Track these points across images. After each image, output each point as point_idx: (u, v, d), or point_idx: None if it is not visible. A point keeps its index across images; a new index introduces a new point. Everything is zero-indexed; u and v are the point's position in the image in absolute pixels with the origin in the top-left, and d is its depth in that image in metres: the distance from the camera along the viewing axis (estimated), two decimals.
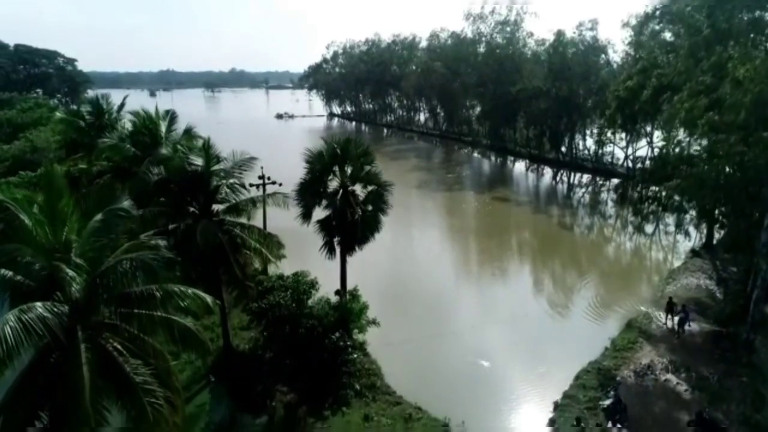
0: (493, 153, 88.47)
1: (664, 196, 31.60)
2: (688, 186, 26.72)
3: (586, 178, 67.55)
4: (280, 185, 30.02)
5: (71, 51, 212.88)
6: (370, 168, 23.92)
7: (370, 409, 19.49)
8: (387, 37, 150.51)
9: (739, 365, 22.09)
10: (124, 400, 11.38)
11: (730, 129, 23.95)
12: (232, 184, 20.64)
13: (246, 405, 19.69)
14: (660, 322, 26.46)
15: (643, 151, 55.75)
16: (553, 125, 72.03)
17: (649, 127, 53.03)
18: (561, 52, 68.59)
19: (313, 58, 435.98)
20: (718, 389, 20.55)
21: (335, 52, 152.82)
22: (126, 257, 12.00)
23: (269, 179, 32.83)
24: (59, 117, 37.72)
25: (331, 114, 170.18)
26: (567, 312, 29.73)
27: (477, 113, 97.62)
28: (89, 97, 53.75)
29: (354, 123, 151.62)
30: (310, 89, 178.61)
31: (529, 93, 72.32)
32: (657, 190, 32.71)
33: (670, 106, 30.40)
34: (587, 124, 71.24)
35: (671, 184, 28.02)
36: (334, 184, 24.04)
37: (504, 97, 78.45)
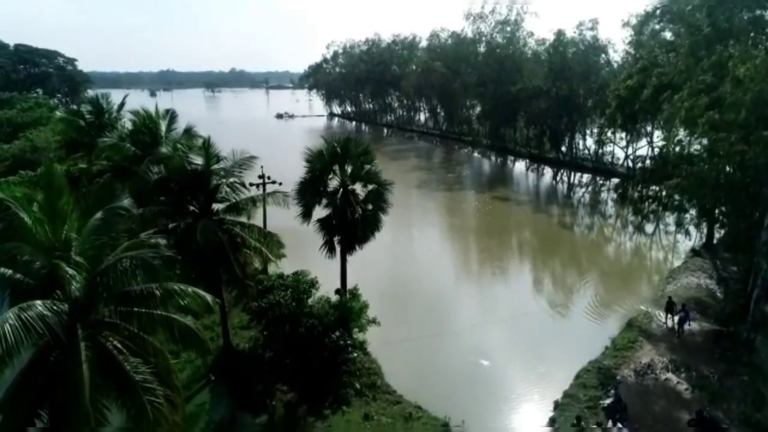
0: (494, 153, 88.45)
1: (664, 195, 31.57)
2: (688, 185, 26.73)
3: (587, 177, 67.53)
4: (280, 184, 29.97)
5: (71, 51, 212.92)
6: (370, 167, 23.89)
7: (370, 408, 19.48)
8: (387, 36, 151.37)
9: (740, 364, 22.08)
10: (124, 399, 11.38)
11: (731, 128, 23.95)
12: (232, 183, 20.64)
13: (246, 404, 19.66)
14: (660, 322, 26.44)
15: (643, 151, 55.71)
16: (554, 125, 72.00)
17: (649, 127, 53.00)
18: (561, 52, 68.60)
19: (313, 58, 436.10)
20: (718, 388, 20.52)
21: (335, 52, 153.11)
22: (126, 255, 12.00)
23: (269, 178, 32.80)
24: (59, 116, 37.76)
25: (331, 114, 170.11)
26: (567, 311, 29.70)
27: (477, 113, 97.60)
28: (89, 96, 53.62)
29: (354, 123, 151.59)
30: (310, 89, 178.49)
31: (529, 93, 72.29)
32: (657, 189, 32.66)
33: (671, 105, 30.40)
34: (587, 124, 71.24)
35: (671, 183, 28.02)
36: (334, 183, 24.02)
37: (504, 97, 78.44)
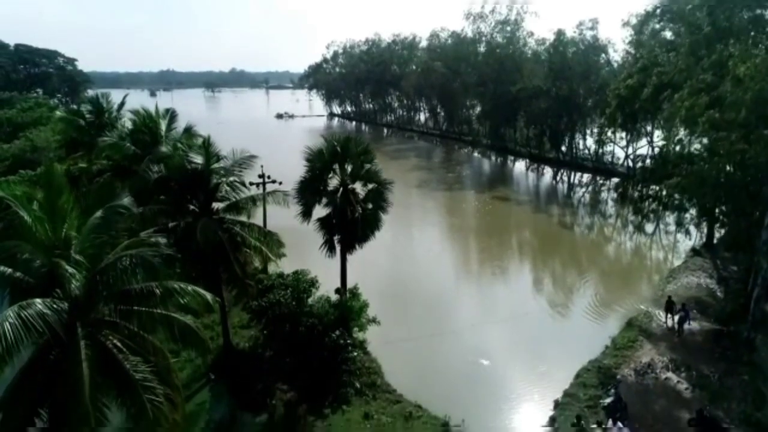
0: (494, 152, 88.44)
1: (664, 194, 31.56)
2: (688, 184, 26.72)
3: (587, 177, 67.50)
4: (280, 184, 29.93)
5: (71, 51, 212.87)
6: (371, 166, 23.86)
7: (370, 407, 19.48)
8: (387, 36, 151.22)
9: (740, 364, 22.07)
10: (123, 397, 11.36)
11: (731, 127, 23.96)
12: (232, 182, 20.62)
13: (246, 403, 19.66)
14: (660, 321, 26.44)
15: (643, 150, 55.71)
16: (554, 125, 71.96)
17: (649, 126, 53.02)
18: (561, 52, 68.57)
19: (313, 58, 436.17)
20: (718, 388, 20.52)
21: (335, 52, 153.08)
22: (126, 254, 11.98)
23: (269, 178, 32.76)
24: (59, 116, 37.71)
25: (331, 114, 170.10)
26: (567, 311, 29.69)
27: (477, 113, 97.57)
28: (89, 96, 53.60)
29: (354, 123, 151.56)
30: (310, 89, 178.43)
31: (529, 92, 72.26)
32: (657, 188, 32.67)
33: (671, 104, 30.41)
34: (587, 124, 71.20)
35: (672, 182, 28.01)
36: (334, 182, 24.00)
37: (504, 97, 78.41)
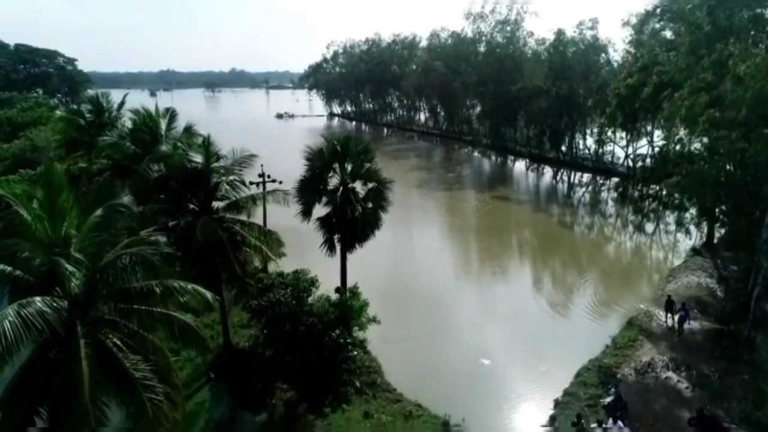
0: (494, 152, 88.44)
1: (664, 194, 31.53)
2: (688, 183, 26.69)
3: (587, 177, 67.51)
4: (280, 183, 29.93)
5: (71, 51, 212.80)
6: (371, 165, 23.84)
7: (370, 406, 19.48)
8: (387, 36, 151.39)
9: (740, 363, 22.05)
10: (123, 396, 11.34)
11: (731, 126, 23.93)
12: (232, 181, 20.62)
13: (246, 402, 19.66)
14: (660, 321, 26.42)
15: (643, 150, 55.75)
16: (554, 124, 71.97)
17: (649, 126, 53.01)
18: (561, 51, 68.58)
19: (313, 58, 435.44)
20: (719, 387, 20.50)
21: (335, 52, 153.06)
22: (126, 252, 11.95)
23: (269, 177, 32.77)
24: (59, 115, 37.73)
25: (331, 114, 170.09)
26: (567, 310, 29.68)
27: (477, 112, 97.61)
28: (89, 95, 53.57)
29: (354, 123, 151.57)
30: (310, 89, 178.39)
31: (529, 92, 72.27)
32: (657, 188, 32.64)
33: (671, 103, 30.38)
34: (587, 123, 71.21)
35: (672, 181, 27.99)
36: (334, 181, 23.99)
37: (504, 97, 78.43)
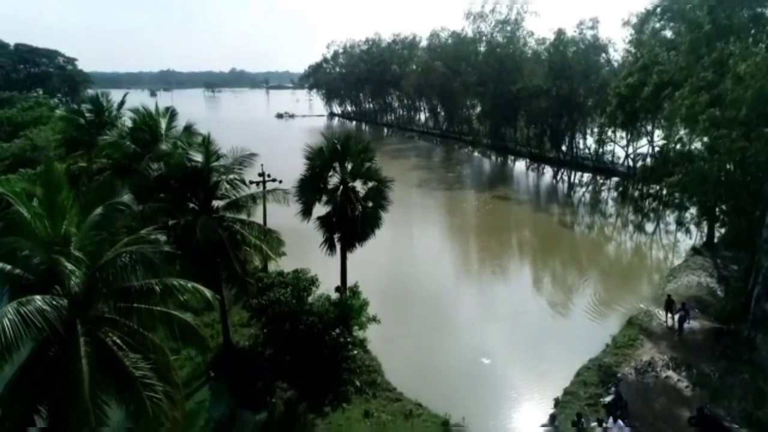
0: (494, 152, 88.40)
1: (665, 193, 31.54)
2: (689, 183, 26.70)
3: (587, 176, 67.46)
4: (280, 182, 29.91)
5: (71, 51, 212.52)
6: (371, 164, 23.83)
7: (370, 405, 19.46)
8: (387, 36, 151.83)
9: (740, 362, 22.04)
10: (123, 395, 11.34)
11: (731, 125, 23.92)
12: (232, 180, 20.61)
13: (246, 401, 19.65)
14: (661, 320, 26.41)
15: (643, 149, 55.68)
16: (554, 124, 71.90)
17: (649, 125, 52.95)
18: (561, 51, 68.52)
19: (313, 58, 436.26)
20: (719, 386, 20.50)
21: (335, 52, 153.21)
22: (125, 251, 11.95)
23: (269, 176, 32.77)
24: (59, 115, 37.78)
25: (331, 114, 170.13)
26: (567, 310, 29.64)
27: (477, 112, 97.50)
28: (89, 95, 53.62)
29: (354, 122, 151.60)
30: (310, 89, 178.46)
31: (529, 92, 72.20)
32: (658, 187, 32.65)
33: (671, 102, 30.41)
34: (588, 123, 71.13)
35: (672, 180, 27.99)
36: (334, 180, 23.98)
37: (504, 96, 78.36)
